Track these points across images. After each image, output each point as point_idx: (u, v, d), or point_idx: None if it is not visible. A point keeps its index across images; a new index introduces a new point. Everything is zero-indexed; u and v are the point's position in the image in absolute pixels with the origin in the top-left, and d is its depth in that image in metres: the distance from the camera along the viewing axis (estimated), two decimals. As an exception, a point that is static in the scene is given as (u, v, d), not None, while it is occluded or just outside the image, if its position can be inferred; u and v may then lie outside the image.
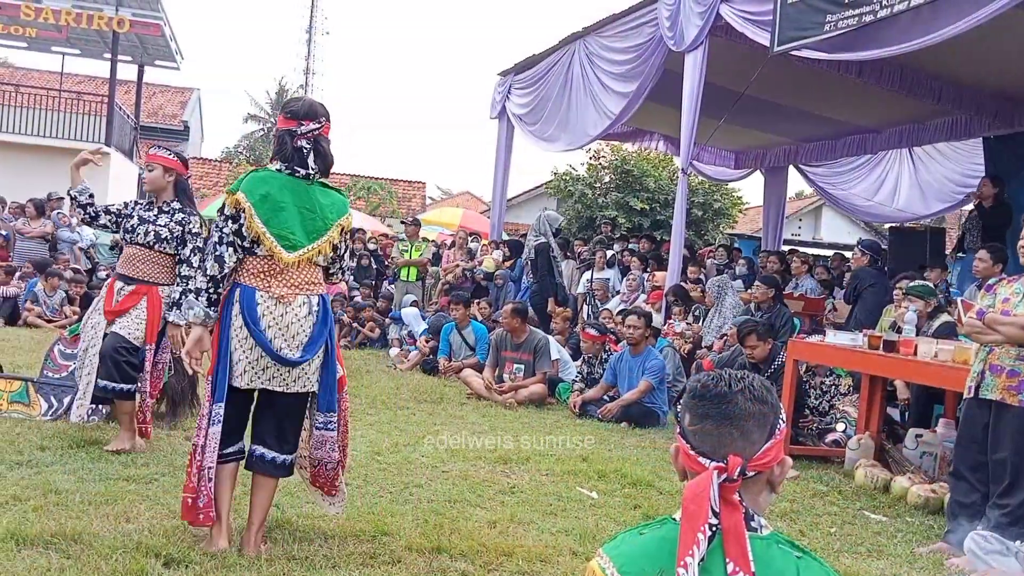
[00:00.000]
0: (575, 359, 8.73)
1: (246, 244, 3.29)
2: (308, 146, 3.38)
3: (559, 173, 22.02)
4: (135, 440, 4.81)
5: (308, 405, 3.45)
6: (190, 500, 3.24)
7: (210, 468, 3.24)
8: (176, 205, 4.90)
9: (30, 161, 18.98)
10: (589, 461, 5.39)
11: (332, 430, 3.43)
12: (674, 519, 1.47)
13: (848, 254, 10.91)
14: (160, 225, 4.82)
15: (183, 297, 4.00)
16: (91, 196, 4.96)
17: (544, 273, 10.91)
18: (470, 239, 13.92)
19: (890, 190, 13.45)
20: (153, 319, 4.80)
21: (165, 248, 4.84)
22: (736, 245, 15.07)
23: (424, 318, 10.66)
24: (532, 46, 15.62)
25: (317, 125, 3.39)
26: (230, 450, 3.35)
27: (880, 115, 11.41)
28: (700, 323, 9.11)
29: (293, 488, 4.15)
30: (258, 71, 78.94)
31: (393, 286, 12.61)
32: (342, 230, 3.44)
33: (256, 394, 3.39)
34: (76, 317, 10.25)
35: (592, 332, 8.00)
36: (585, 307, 11.24)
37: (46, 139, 19.59)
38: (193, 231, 4.84)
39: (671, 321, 9.23)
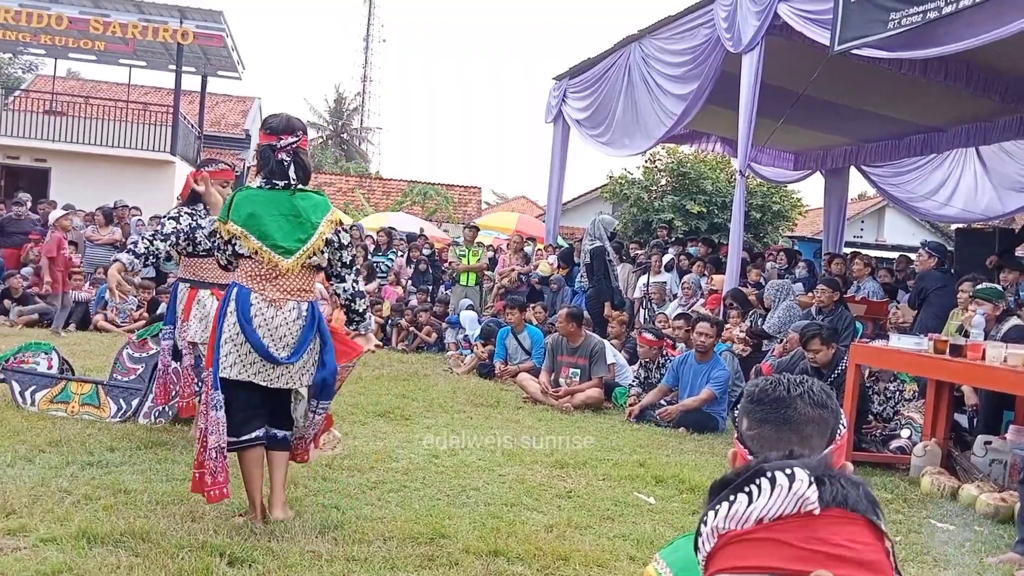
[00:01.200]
0: (631, 363, 8.68)
1: (244, 255, 3.59)
2: (288, 159, 3.63)
3: (615, 177, 21.94)
4: None
5: (294, 394, 3.72)
6: (197, 475, 3.53)
7: (217, 449, 3.48)
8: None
9: (100, 170, 19.61)
10: (646, 466, 5.36)
11: (323, 413, 3.75)
12: None
13: (913, 256, 10.65)
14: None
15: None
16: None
17: (600, 277, 10.86)
18: (525, 243, 13.95)
19: (956, 190, 13.09)
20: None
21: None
22: (796, 248, 14.84)
23: (481, 322, 10.71)
24: (587, 49, 15.60)
25: (295, 139, 3.66)
26: (248, 436, 3.61)
27: (945, 113, 11.12)
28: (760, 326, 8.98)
29: (352, 490, 4.21)
30: (316, 79, 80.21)
31: (450, 291, 12.70)
32: (332, 224, 3.66)
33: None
34: (144, 322, 10.53)
35: (649, 337, 7.94)
36: (641, 311, 11.18)
37: (114, 149, 20.22)
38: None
39: (727, 325, 9.11)
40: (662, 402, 7.36)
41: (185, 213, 5.10)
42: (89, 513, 3.54)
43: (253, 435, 3.62)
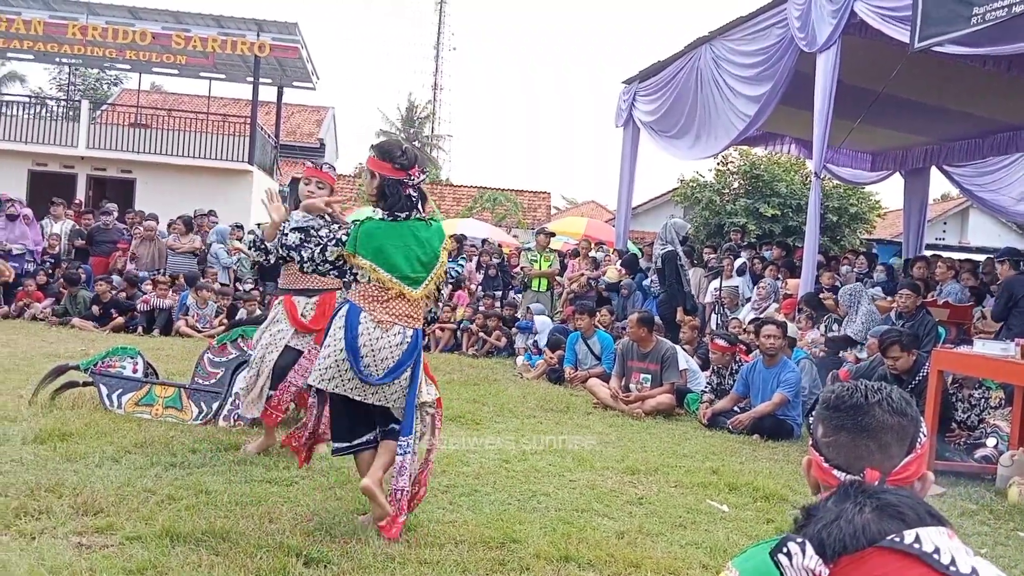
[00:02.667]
0: (704, 369, 8.57)
1: (359, 278, 3.67)
2: (416, 195, 3.68)
3: (686, 180, 21.70)
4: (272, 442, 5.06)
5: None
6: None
7: (406, 490, 3.59)
8: (328, 218, 5.08)
9: (181, 180, 20.28)
10: (719, 473, 5.28)
11: (406, 453, 3.62)
12: None
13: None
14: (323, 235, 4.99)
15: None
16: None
17: (672, 282, 10.76)
18: (594, 248, 13.90)
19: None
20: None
21: None
22: (873, 251, 14.47)
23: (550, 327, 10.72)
24: (655, 53, 15.51)
25: (425, 175, 3.72)
26: (359, 441, 3.73)
27: (1032, 110, 10.72)
28: (836, 332, 8.78)
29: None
30: (388, 88, 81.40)
31: (519, 295, 12.73)
32: (447, 252, 3.81)
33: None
34: (223, 328, 10.83)
35: (721, 343, 7.83)
36: (714, 316, 11.03)
37: (195, 159, 20.90)
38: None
39: (800, 330, 8.93)
40: (735, 409, 7.25)
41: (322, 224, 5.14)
42: (172, 513, 3.66)
43: (364, 439, 3.74)
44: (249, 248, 4.91)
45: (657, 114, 12.63)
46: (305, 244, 3.71)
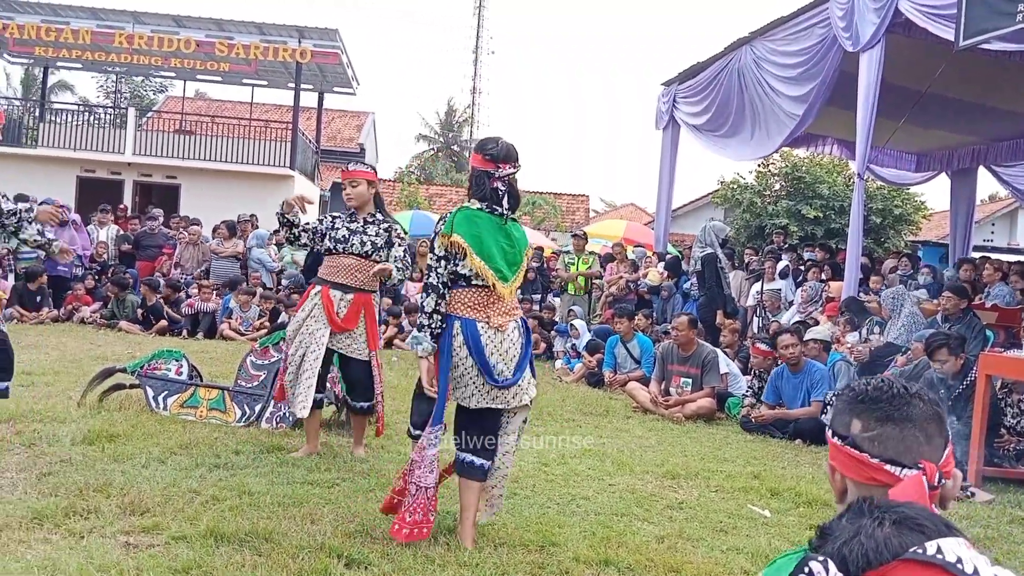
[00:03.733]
0: (745, 373, 8.49)
1: (464, 277, 3.52)
2: (504, 188, 3.58)
3: (726, 182, 21.51)
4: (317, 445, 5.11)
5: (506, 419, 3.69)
6: (394, 499, 3.60)
7: (429, 489, 3.48)
8: (379, 216, 5.12)
9: (225, 185, 20.60)
10: (761, 478, 5.23)
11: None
12: None
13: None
14: (372, 235, 5.01)
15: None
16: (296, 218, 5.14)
17: (712, 285, 10.67)
18: (633, 251, 13.83)
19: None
20: (373, 328, 5.02)
21: (379, 256, 5.00)
22: (918, 253, 14.22)
23: (590, 331, 10.68)
24: (693, 55, 15.43)
25: (513, 169, 3.59)
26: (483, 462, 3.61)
27: (1084, 108, 10.47)
28: (878, 336, 8.63)
29: (464, 496, 4.27)
30: (428, 92, 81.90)
31: (557, 299, 12.71)
32: (529, 255, 3.82)
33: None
34: (266, 331, 10.96)
35: (762, 347, 7.75)
36: (755, 319, 10.91)
37: (238, 165, 21.22)
38: (400, 235, 5.11)
39: (834, 332, 8.80)
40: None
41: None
42: (216, 513, 3.71)
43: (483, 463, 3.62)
44: (286, 243, 5.01)
45: (704, 115, 12.55)
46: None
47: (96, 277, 13.05)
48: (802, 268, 11.80)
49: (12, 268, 11.91)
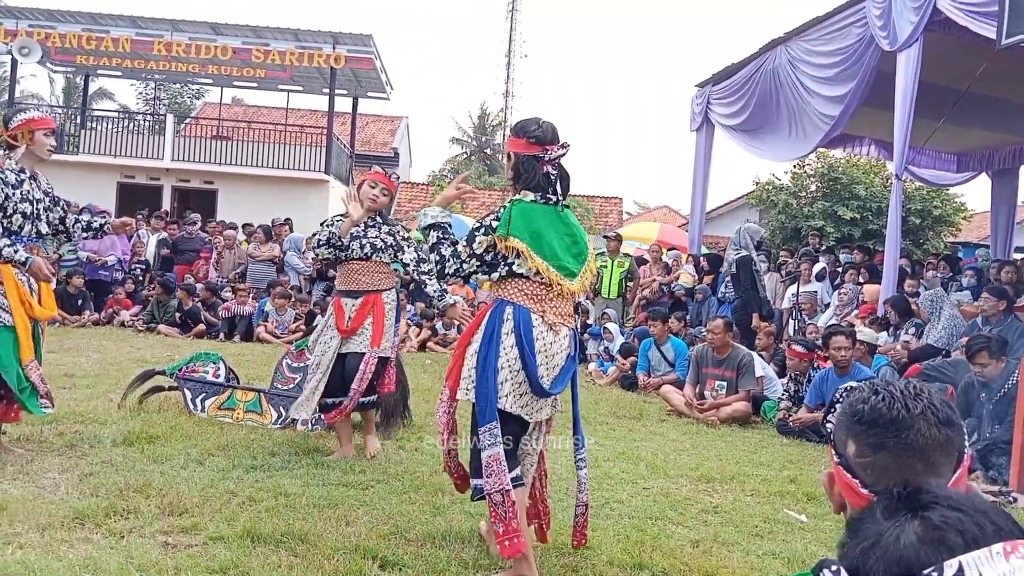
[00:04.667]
0: (780, 376, 8.40)
1: (515, 269, 3.22)
2: (555, 172, 3.29)
3: (761, 183, 21.32)
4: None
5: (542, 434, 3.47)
6: (500, 530, 3.13)
7: (507, 491, 3.12)
8: (379, 218, 5.21)
9: (261, 190, 20.84)
10: (797, 482, 5.17)
11: (584, 467, 3.46)
12: None
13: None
14: (373, 237, 5.12)
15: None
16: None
17: (747, 287, 10.58)
18: (666, 253, 13.75)
19: None
20: (379, 325, 5.09)
21: (382, 257, 5.14)
22: (959, 254, 13.98)
23: (622, 334, 10.64)
24: (726, 56, 15.34)
25: (563, 151, 3.29)
26: (514, 475, 3.22)
27: None
28: (915, 338, 8.50)
29: (497, 499, 4.27)
30: (460, 96, 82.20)
31: (590, 302, 12.65)
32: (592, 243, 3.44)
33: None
34: (301, 333, 11.07)
35: (799, 348, 7.67)
36: (791, 322, 10.80)
37: (274, 170, 21.46)
38: (406, 237, 5.26)
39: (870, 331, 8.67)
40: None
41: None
42: (253, 514, 3.75)
43: (515, 474, 3.23)
44: (319, 247, 5.06)
45: (740, 116, 12.45)
46: (443, 240, 3.28)
47: (137, 280, 13.26)
48: (838, 270, 11.66)
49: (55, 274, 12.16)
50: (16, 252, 4.31)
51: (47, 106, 26.99)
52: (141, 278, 13.38)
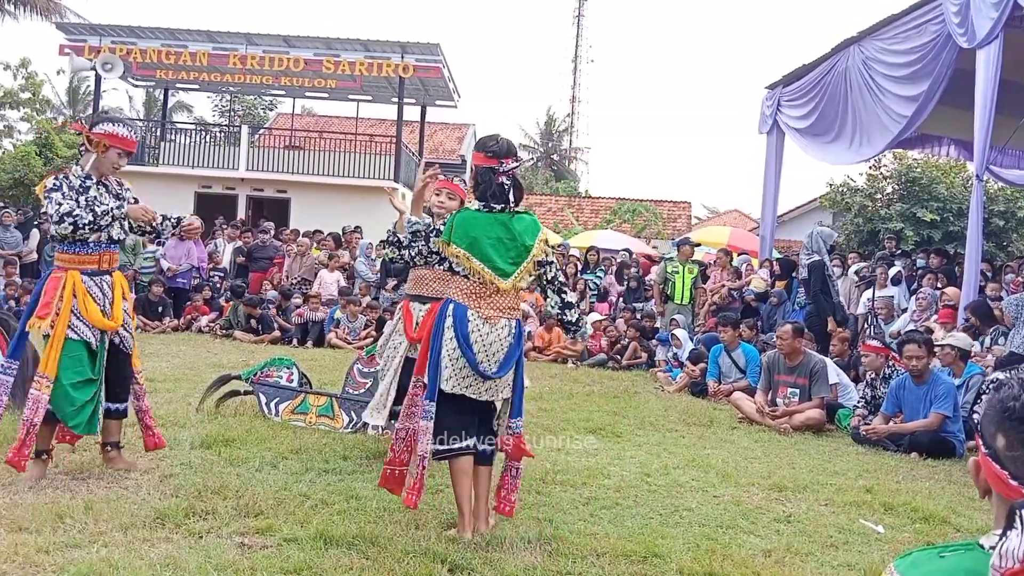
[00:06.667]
0: (856, 382, 8.19)
1: (459, 273, 3.75)
2: (508, 183, 3.77)
3: (835, 185, 20.83)
4: None
5: (498, 411, 3.89)
6: (389, 471, 3.78)
7: (423, 456, 3.64)
8: (441, 227, 5.20)
9: (332, 199, 21.23)
10: (874, 492, 5.04)
11: (519, 432, 3.84)
12: (981, 546, 1.30)
13: None
14: (433, 247, 5.12)
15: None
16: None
17: (818, 292, 10.36)
18: (735, 258, 13.53)
19: None
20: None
21: (444, 265, 5.13)
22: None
23: (692, 340, 10.53)
24: (797, 57, 15.07)
25: (516, 163, 3.81)
26: (458, 446, 3.72)
27: None
28: (1002, 345, 8.20)
29: (565, 506, 4.28)
30: (527, 102, 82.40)
31: (655, 307, 12.52)
32: (542, 244, 3.81)
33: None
34: (372, 339, 11.23)
35: (874, 343, 7.45)
36: (866, 327, 10.53)
37: (344, 178, 21.84)
38: None
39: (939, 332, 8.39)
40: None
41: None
42: (325, 516, 3.82)
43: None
44: (381, 245, 5.10)
45: (808, 119, 12.23)
46: (414, 244, 4.04)
47: (215, 288, 13.64)
48: (915, 275, 11.33)
49: (134, 284, 12.58)
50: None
51: (138, 120, 27.98)
52: (218, 285, 13.76)
